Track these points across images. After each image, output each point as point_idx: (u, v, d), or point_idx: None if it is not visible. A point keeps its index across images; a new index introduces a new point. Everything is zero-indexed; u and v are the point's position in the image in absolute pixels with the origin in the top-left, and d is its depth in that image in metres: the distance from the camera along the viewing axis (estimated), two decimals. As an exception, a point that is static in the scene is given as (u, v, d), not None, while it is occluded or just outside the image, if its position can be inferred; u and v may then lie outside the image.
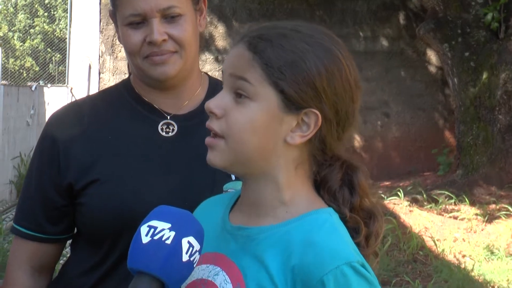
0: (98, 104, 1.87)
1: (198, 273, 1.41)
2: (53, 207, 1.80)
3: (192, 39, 1.76)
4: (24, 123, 10.82)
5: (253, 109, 1.33)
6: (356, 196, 1.38)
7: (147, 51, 1.73)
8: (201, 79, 1.89)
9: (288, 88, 1.32)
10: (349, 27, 11.01)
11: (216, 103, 1.36)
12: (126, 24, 1.74)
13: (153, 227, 1.31)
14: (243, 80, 1.33)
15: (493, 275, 6.22)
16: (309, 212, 1.34)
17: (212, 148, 1.37)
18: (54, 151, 1.79)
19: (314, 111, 1.33)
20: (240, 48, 1.36)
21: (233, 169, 1.39)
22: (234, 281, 1.34)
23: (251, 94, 1.33)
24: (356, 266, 1.27)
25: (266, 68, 1.32)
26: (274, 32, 1.36)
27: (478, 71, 9.15)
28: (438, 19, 9.45)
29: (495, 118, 9.01)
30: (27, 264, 1.85)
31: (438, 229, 7.45)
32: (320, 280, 1.25)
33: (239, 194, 1.48)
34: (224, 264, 1.37)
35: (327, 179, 1.38)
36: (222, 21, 11.07)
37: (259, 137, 1.33)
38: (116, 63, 11.03)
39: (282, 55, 1.32)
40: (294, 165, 1.37)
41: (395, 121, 11.16)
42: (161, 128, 1.80)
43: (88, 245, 1.80)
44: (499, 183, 8.77)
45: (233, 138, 1.34)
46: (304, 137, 1.34)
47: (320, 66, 1.33)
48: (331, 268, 1.25)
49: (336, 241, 1.30)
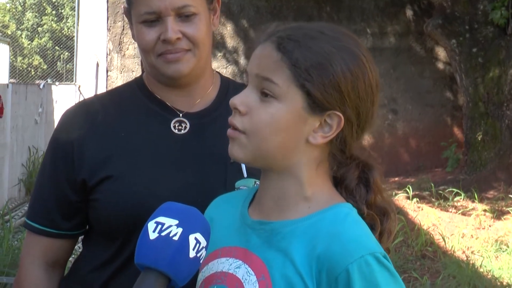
0: (110, 101, 1.88)
1: (217, 266, 1.44)
2: (67, 202, 1.81)
3: (206, 38, 1.77)
4: (32, 121, 10.85)
5: (278, 109, 1.35)
6: (371, 193, 1.42)
7: (161, 49, 1.74)
8: (213, 77, 1.90)
9: (315, 90, 1.34)
10: (356, 24, 11.00)
11: (241, 100, 1.38)
12: (141, 22, 1.75)
13: (160, 223, 1.33)
14: (269, 82, 1.35)
15: (501, 271, 6.21)
16: (331, 206, 1.38)
17: (233, 140, 1.40)
18: (68, 147, 1.80)
19: (337, 114, 1.36)
20: (268, 48, 1.38)
21: (254, 163, 1.42)
22: (258, 273, 1.37)
23: (277, 94, 1.35)
24: (380, 257, 1.30)
25: (293, 69, 1.34)
26: (301, 33, 1.38)
27: (486, 67, 9.14)
28: (446, 15, 9.44)
29: (503, 114, 9.00)
30: (40, 259, 1.86)
31: (447, 226, 7.45)
32: (345, 269, 1.28)
33: (254, 190, 1.51)
34: (246, 257, 1.40)
35: (345, 177, 1.42)
36: (230, 18, 11.07)
37: (281, 136, 1.36)
38: (123, 61, 11.05)
39: (309, 56, 1.35)
40: (316, 164, 1.40)
41: (403, 118, 11.15)
42: (174, 126, 1.81)
43: (101, 241, 1.82)
44: (507, 179, 8.75)
45: (256, 136, 1.37)
46: (326, 137, 1.37)
47: (345, 69, 1.35)
48: (356, 258, 1.28)
49: (360, 232, 1.34)
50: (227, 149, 1.54)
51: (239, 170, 1.75)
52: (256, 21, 11.02)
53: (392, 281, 1.31)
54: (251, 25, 11.08)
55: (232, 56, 11.19)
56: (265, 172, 1.44)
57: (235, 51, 11.17)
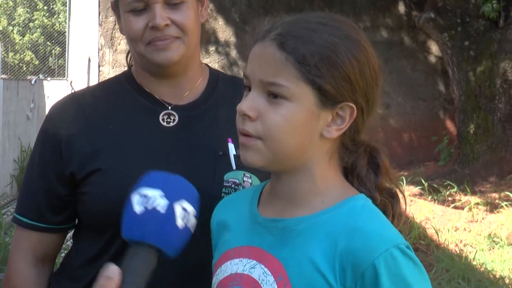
0: (100, 94, 1.87)
1: (231, 267, 1.41)
2: (56, 196, 1.80)
3: (194, 26, 1.76)
4: (24, 117, 10.82)
5: (290, 109, 1.31)
6: (380, 176, 1.42)
7: (150, 36, 1.73)
8: (202, 70, 1.89)
9: (326, 84, 1.31)
10: (348, 18, 10.88)
11: (249, 105, 1.33)
12: (129, 11, 1.74)
13: (144, 195, 1.31)
14: (276, 85, 1.31)
15: (494, 264, 6.23)
16: (345, 200, 1.36)
17: (247, 147, 1.35)
18: (56, 141, 1.79)
19: (350, 105, 1.34)
20: (269, 48, 1.33)
21: (271, 167, 1.38)
22: (275, 273, 1.34)
23: (287, 95, 1.31)
24: (404, 249, 1.29)
25: (301, 67, 1.30)
26: (302, 27, 1.33)
27: (478, 60, 9.15)
28: (438, 9, 9.45)
29: (495, 107, 9.01)
30: (30, 254, 1.85)
31: (439, 219, 7.46)
32: (372, 264, 1.26)
33: (261, 188, 1.49)
34: (261, 257, 1.37)
35: (355, 165, 1.40)
36: (221, 12, 11.05)
37: (297, 135, 1.33)
38: (115, 56, 11.02)
39: (315, 51, 1.31)
40: (328, 157, 1.38)
41: (395, 111, 11.16)
42: (162, 119, 1.80)
43: (91, 234, 1.81)
44: (499, 172, 8.78)
45: (272, 139, 1.32)
46: (341, 130, 1.35)
47: (352, 58, 1.33)
48: (381, 252, 1.27)
49: (380, 225, 1.32)
50: (216, 141, 1.53)
51: (228, 163, 1.75)
52: (248, 15, 11.00)
53: (418, 272, 1.30)
54: (242, 19, 11.06)
55: (224, 50, 11.17)
56: (280, 172, 1.40)
57: (227, 45, 11.15)
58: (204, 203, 1.72)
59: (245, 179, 1.76)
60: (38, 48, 21.83)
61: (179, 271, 1.72)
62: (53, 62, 20.42)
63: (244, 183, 1.76)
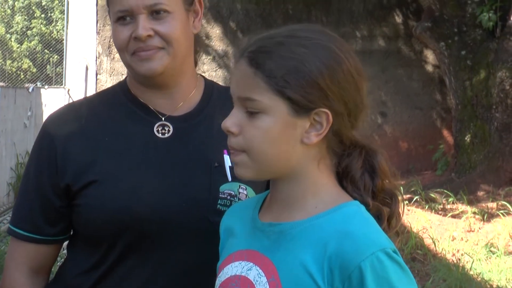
0: (95, 105, 1.87)
1: (232, 270, 1.47)
2: (51, 208, 1.80)
3: (180, 37, 1.76)
4: (21, 124, 10.81)
5: (266, 122, 1.38)
6: (377, 178, 1.45)
7: (134, 47, 1.74)
8: (197, 81, 1.89)
9: (294, 94, 1.37)
10: (345, 27, 11.01)
11: (232, 122, 1.42)
12: (115, 21, 1.76)
13: None
14: (250, 100, 1.39)
15: (491, 274, 6.22)
16: (338, 206, 1.40)
17: (235, 162, 1.44)
18: (52, 152, 1.78)
19: (323, 110, 1.38)
20: (242, 66, 1.41)
21: (262, 177, 1.47)
22: (268, 274, 1.39)
23: (261, 109, 1.38)
24: (390, 253, 1.33)
25: (269, 80, 1.37)
26: (271, 42, 1.40)
27: (475, 70, 9.15)
28: (435, 18, 9.46)
29: (492, 117, 9.01)
30: (25, 266, 1.84)
31: (436, 228, 7.45)
32: (358, 267, 1.31)
33: (264, 196, 1.55)
34: (257, 259, 1.43)
35: (349, 168, 1.45)
36: (219, 22, 11.07)
37: (277, 145, 1.39)
38: (113, 64, 11.02)
39: (282, 63, 1.37)
40: (316, 162, 1.43)
41: (392, 120, 11.16)
42: (157, 130, 1.80)
43: (86, 245, 1.80)
44: (496, 182, 8.77)
45: (254, 152, 1.40)
46: (320, 135, 1.40)
47: (320, 65, 1.37)
48: (367, 255, 1.31)
49: (370, 230, 1.37)
50: (211, 153, 1.56)
51: (224, 174, 1.75)
52: (245, 24, 11.02)
53: (404, 276, 1.34)
54: (240, 29, 11.07)
55: (221, 60, 11.18)
56: (273, 180, 1.47)
57: (224, 55, 11.16)
58: (200, 214, 1.73)
59: (241, 190, 1.76)
60: (36, 56, 21.82)
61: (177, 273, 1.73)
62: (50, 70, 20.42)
63: (240, 195, 1.76)
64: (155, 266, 1.73)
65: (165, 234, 1.72)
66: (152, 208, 1.71)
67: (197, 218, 1.72)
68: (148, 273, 1.73)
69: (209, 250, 1.64)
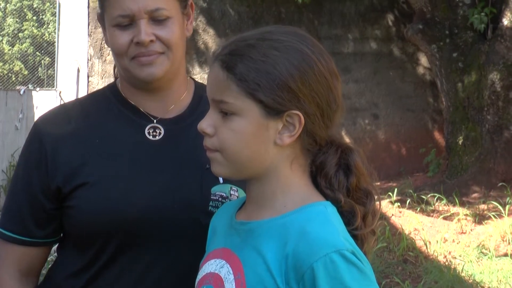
0: (86, 107, 1.87)
1: (208, 267, 1.49)
2: (41, 210, 1.79)
3: (179, 41, 1.77)
4: (12, 127, 10.77)
5: (239, 123, 1.41)
6: (352, 177, 1.46)
7: (134, 51, 1.73)
8: (187, 83, 1.89)
9: (265, 97, 1.38)
10: (337, 29, 11.02)
11: (207, 123, 1.45)
12: (114, 25, 1.74)
13: None
14: (223, 103, 1.41)
15: (483, 276, 6.23)
16: (305, 205, 1.41)
17: (211, 160, 1.47)
18: (42, 154, 1.78)
19: (295, 112, 1.40)
20: (215, 69, 1.44)
21: (237, 175, 1.48)
22: (236, 271, 1.42)
23: (234, 111, 1.40)
24: (346, 254, 1.33)
25: (240, 83, 1.39)
26: (243, 45, 1.42)
27: (466, 72, 9.18)
28: (426, 20, 9.48)
29: (483, 119, 9.03)
30: (14, 268, 1.83)
31: (428, 230, 7.46)
32: (310, 267, 1.32)
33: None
34: (229, 257, 1.45)
35: (323, 165, 1.46)
36: (211, 24, 11.06)
37: (250, 146, 1.41)
38: (105, 66, 11.00)
39: (253, 66, 1.39)
40: (289, 162, 1.44)
41: (384, 122, 11.18)
42: (148, 132, 1.80)
43: (76, 247, 1.80)
44: (488, 183, 8.79)
45: (227, 152, 1.43)
46: (292, 136, 1.41)
47: (291, 68, 1.39)
48: (320, 256, 1.31)
49: (327, 231, 1.36)
50: (202, 155, 1.56)
51: (215, 176, 1.74)
52: (237, 26, 11.01)
53: (360, 277, 1.34)
54: (232, 31, 11.07)
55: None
56: (248, 179, 1.49)
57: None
58: (192, 216, 1.72)
59: (232, 192, 1.77)
60: (28, 58, 21.77)
61: (168, 274, 1.73)
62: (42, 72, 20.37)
63: (231, 196, 1.76)
64: (146, 267, 1.73)
65: (156, 235, 1.72)
66: (143, 210, 1.71)
67: (189, 220, 1.72)
68: (139, 275, 1.73)
69: (201, 252, 1.64)
